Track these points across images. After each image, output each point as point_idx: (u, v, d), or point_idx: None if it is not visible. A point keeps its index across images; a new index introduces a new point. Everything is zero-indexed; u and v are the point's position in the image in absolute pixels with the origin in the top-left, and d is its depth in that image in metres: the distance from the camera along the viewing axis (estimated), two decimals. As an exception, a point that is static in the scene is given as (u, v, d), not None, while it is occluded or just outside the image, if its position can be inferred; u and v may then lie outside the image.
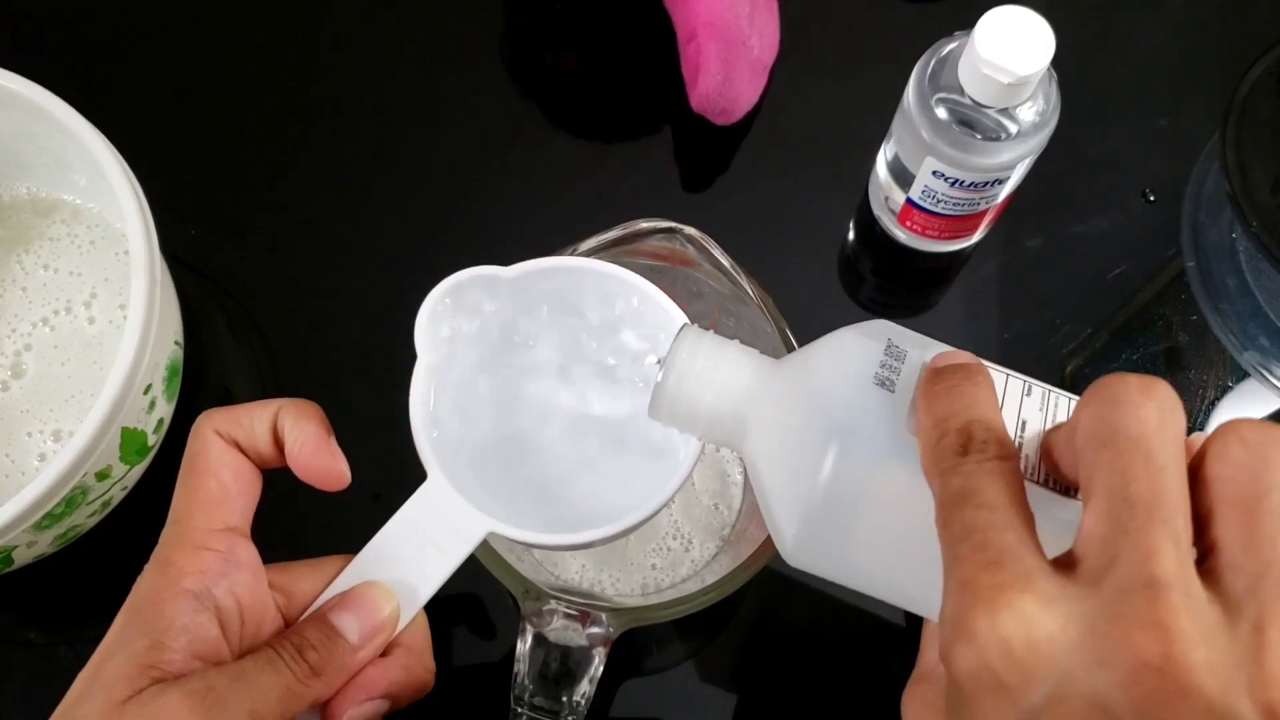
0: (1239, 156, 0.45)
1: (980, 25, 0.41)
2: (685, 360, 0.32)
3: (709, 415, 0.32)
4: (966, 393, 0.27)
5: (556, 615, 0.36)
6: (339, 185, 0.55)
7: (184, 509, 0.33)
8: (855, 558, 0.30)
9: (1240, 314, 0.51)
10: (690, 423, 0.33)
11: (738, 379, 0.32)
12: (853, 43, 0.58)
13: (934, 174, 0.45)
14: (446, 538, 0.33)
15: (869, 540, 0.29)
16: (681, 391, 0.32)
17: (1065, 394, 0.30)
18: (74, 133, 0.42)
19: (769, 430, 0.31)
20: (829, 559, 0.30)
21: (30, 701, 0.46)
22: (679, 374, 0.32)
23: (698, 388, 0.32)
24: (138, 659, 0.30)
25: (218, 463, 0.33)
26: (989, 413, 0.27)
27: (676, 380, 0.32)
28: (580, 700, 0.37)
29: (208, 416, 0.34)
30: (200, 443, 0.33)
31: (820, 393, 0.29)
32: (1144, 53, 0.58)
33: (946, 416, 0.27)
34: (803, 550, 0.30)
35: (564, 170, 0.55)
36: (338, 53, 0.58)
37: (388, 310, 0.52)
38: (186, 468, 0.33)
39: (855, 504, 0.29)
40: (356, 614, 0.32)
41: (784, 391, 0.31)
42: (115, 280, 0.47)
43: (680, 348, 0.32)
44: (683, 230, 0.39)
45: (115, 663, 0.30)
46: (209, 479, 0.33)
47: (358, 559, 0.34)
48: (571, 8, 0.59)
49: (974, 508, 0.25)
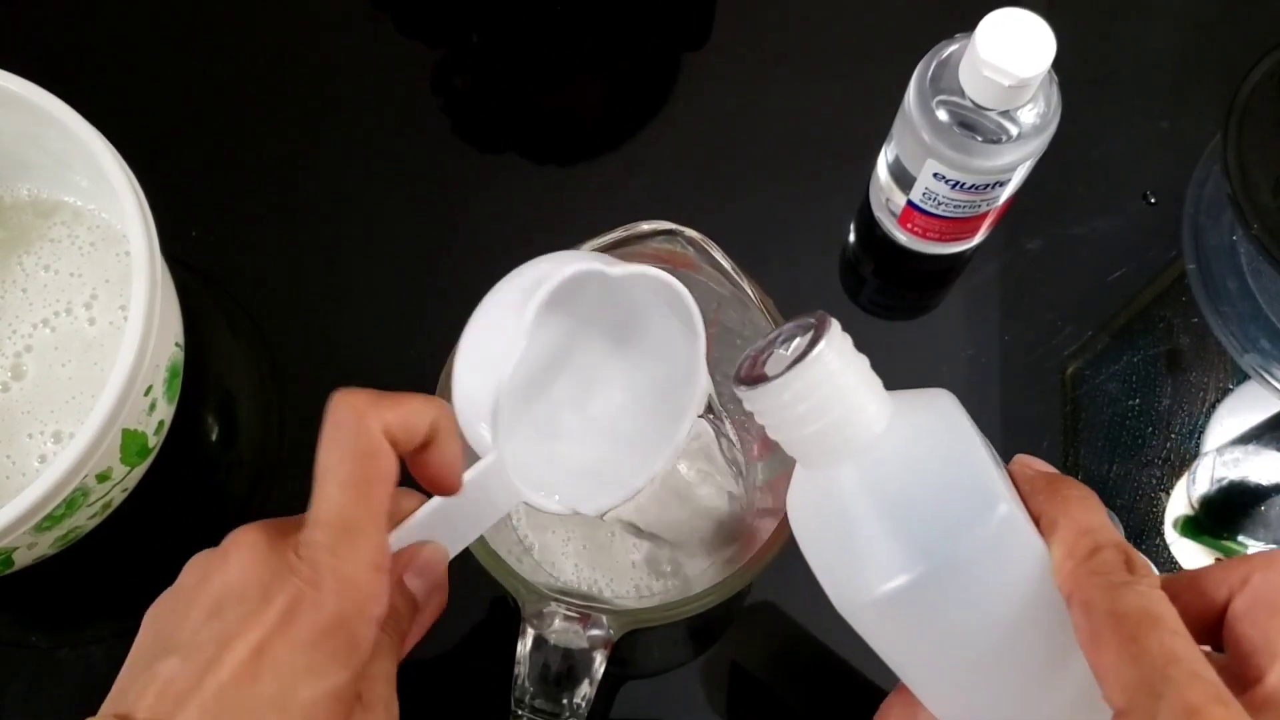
0: (1240, 159, 0.45)
1: (981, 27, 0.41)
2: (825, 369, 0.29)
3: (821, 429, 0.29)
4: (1098, 509, 0.28)
5: (557, 617, 0.36)
6: (340, 186, 0.55)
7: (355, 520, 0.28)
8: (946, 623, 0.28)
9: (1241, 316, 0.51)
10: (797, 425, 0.29)
11: (867, 407, 0.29)
12: (853, 44, 0.58)
13: (935, 176, 0.45)
14: (487, 505, 0.34)
15: (967, 615, 0.28)
16: (812, 396, 0.29)
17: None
18: (75, 134, 0.42)
19: (899, 464, 0.29)
20: (913, 619, 0.28)
21: (31, 703, 0.46)
22: (815, 378, 0.28)
23: (827, 399, 0.29)
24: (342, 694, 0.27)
25: (389, 470, 0.28)
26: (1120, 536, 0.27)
27: (809, 384, 0.29)
28: (581, 702, 0.37)
29: (375, 408, 0.28)
30: (372, 442, 0.28)
31: (974, 451, 0.28)
32: (1145, 55, 0.58)
33: (1095, 528, 0.27)
34: (894, 604, 0.28)
35: (565, 171, 0.55)
36: (339, 53, 0.58)
37: (388, 311, 0.52)
38: (362, 471, 0.28)
39: (985, 576, 0.27)
40: (424, 576, 0.32)
41: (923, 438, 0.29)
42: (116, 281, 0.47)
43: (827, 350, 0.29)
44: (684, 232, 0.39)
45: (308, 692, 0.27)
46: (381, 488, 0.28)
47: (421, 518, 0.32)
48: (573, 8, 0.59)
49: (1170, 634, 0.25)
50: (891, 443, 0.29)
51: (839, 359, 0.29)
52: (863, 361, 0.30)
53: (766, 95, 0.56)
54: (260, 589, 0.27)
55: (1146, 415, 0.51)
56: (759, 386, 0.29)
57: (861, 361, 0.30)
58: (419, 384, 0.39)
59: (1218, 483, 0.50)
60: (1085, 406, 0.51)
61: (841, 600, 0.29)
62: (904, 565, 0.27)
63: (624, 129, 0.56)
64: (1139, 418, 0.51)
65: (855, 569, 0.28)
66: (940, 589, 0.27)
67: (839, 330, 0.29)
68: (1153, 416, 0.51)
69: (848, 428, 0.29)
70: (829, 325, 0.29)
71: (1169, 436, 0.51)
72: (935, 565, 0.27)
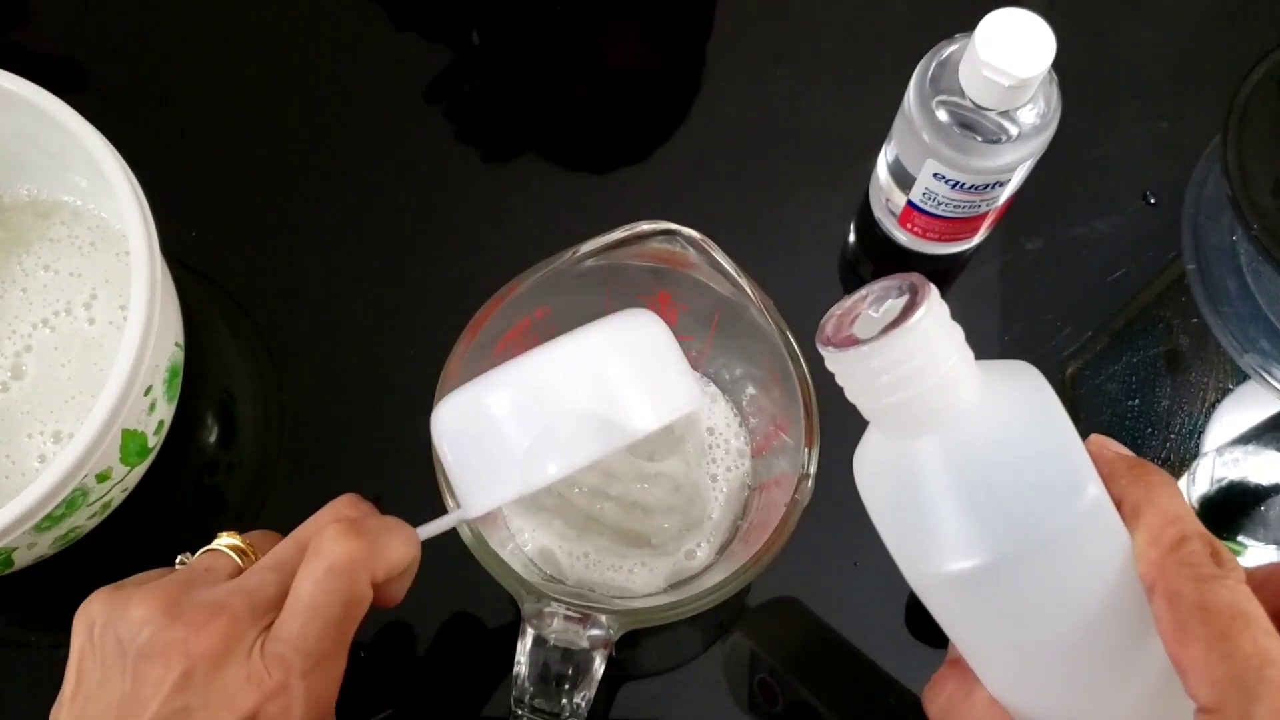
0: (1240, 159, 0.45)
1: (981, 28, 0.41)
2: (934, 324, 0.27)
3: (915, 394, 0.27)
4: (1181, 497, 0.27)
5: (557, 617, 0.36)
6: (340, 187, 0.55)
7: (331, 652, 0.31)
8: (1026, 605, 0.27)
9: (1241, 317, 0.51)
10: (888, 390, 0.28)
11: (961, 376, 0.28)
12: (853, 44, 0.58)
13: (935, 176, 0.45)
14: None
15: (1050, 595, 0.27)
16: (909, 361, 0.27)
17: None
18: (74, 134, 0.42)
19: (986, 442, 0.28)
20: (993, 599, 0.28)
21: (31, 703, 0.46)
22: (916, 342, 0.27)
23: (924, 365, 0.27)
24: None
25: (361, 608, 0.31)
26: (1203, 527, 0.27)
27: (908, 349, 0.27)
28: (581, 702, 0.37)
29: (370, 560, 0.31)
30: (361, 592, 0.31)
31: (1063, 430, 0.28)
32: (1145, 55, 0.58)
33: (1181, 516, 0.26)
34: (969, 583, 0.27)
35: (566, 172, 0.55)
36: (339, 54, 0.58)
37: (388, 311, 0.52)
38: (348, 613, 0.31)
39: (1072, 556, 0.27)
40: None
41: (1014, 414, 0.28)
42: (116, 281, 0.47)
43: (927, 316, 0.27)
44: (683, 232, 0.39)
45: None
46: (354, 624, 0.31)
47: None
48: (573, 9, 0.59)
49: (1264, 633, 0.25)
50: (979, 418, 0.28)
51: (938, 328, 0.27)
52: (958, 332, 0.28)
53: (766, 95, 0.56)
54: (224, 695, 0.29)
55: (1146, 415, 0.51)
56: (848, 350, 0.27)
57: (957, 332, 0.28)
58: (419, 384, 0.40)
59: (1217, 483, 0.50)
60: (1085, 407, 0.51)
61: (913, 572, 0.28)
62: (984, 546, 0.27)
63: (624, 129, 0.56)
64: (1139, 418, 0.51)
65: (931, 543, 0.27)
66: (1018, 572, 0.27)
67: (938, 298, 0.28)
68: (1152, 417, 0.51)
69: (936, 399, 0.27)
70: (929, 291, 0.27)
71: (1169, 437, 0.51)
72: (1016, 549, 0.26)
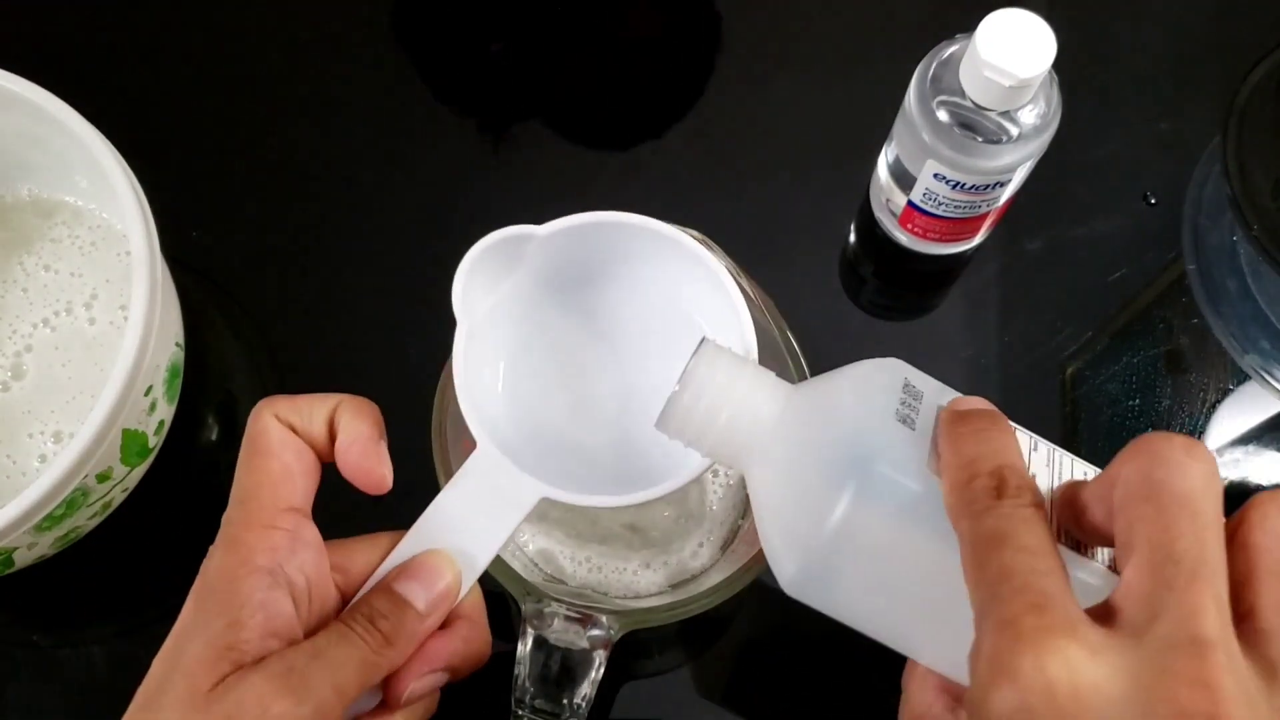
0: (1240, 159, 0.45)
1: (981, 28, 0.41)
2: (704, 376, 0.31)
3: (719, 435, 0.31)
4: (994, 438, 0.27)
5: (557, 617, 0.36)
6: (340, 187, 0.55)
7: (249, 489, 0.33)
8: (860, 593, 0.30)
9: (1241, 317, 0.51)
10: (698, 439, 0.32)
11: (753, 401, 0.31)
12: (854, 44, 0.58)
13: (935, 176, 0.45)
14: (499, 505, 0.33)
15: (878, 577, 0.29)
16: (696, 408, 0.31)
17: (1068, 453, 0.30)
18: (76, 134, 0.42)
19: (782, 457, 0.30)
20: (832, 593, 0.30)
21: (32, 703, 0.46)
22: (695, 391, 0.31)
23: (713, 406, 0.31)
24: (216, 641, 0.30)
25: (280, 444, 0.33)
26: (1017, 460, 0.27)
27: (692, 397, 0.31)
28: (581, 702, 0.37)
29: (269, 402, 0.34)
30: (260, 425, 0.33)
31: (843, 420, 0.29)
32: (1145, 56, 0.58)
33: (976, 458, 0.27)
34: (807, 582, 0.30)
35: (566, 172, 0.55)
36: (339, 54, 0.58)
37: (389, 310, 0.52)
38: (249, 449, 0.33)
39: (871, 536, 0.28)
40: (421, 581, 0.32)
41: (802, 418, 0.31)
42: (116, 281, 0.47)
43: (699, 364, 0.31)
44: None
45: (194, 646, 0.30)
46: (273, 460, 0.33)
47: (413, 531, 0.33)
48: (572, 9, 0.59)
49: (1013, 550, 0.25)
50: (776, 437, 0.31)
51: (709, 369, 0.31)
52: (742, 366, 0.31)
53: (767, 95, 0.56)
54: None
55: (1146, 416, 0.51)
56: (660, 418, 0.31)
57: (740, 366, 0.31)
58: (419, 385, 0.40)
59: (1218, 483, 0.50)
60: (1085, 407, 0.51)
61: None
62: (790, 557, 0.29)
63: (624, 130, 0.56)
64: (1139, 418, 0.51)
65: (773, 557, 0.31)
66: (832, 566, 0.29)
67: (712, 345, 0.31)
68: (1153, 417, 0.51)
69: (739, 431, 0.31)
70: (699, 345, 0.31)
71: (1169, 437, 0.51)
72: (813, 558, 0.29)
